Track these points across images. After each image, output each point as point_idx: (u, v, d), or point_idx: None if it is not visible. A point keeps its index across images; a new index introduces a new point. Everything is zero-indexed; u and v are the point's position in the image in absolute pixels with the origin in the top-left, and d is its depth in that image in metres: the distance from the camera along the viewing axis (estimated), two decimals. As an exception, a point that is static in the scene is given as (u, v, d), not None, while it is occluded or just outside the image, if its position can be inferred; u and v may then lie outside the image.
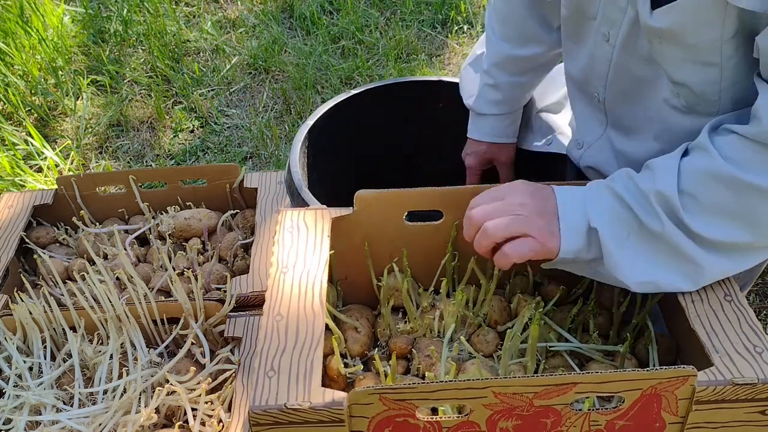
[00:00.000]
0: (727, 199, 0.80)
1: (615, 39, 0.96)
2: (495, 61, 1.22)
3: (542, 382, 0.70)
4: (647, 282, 0.83)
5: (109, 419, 0.89)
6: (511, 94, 1.25)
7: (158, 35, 3.02)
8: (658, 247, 0.83)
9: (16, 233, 1.21)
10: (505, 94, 1.24)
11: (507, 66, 1.22)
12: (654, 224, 0.82)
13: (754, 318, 0.80)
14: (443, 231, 1.00)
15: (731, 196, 0.80)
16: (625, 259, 0.83)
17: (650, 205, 0.82)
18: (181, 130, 2.59)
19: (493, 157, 1.31)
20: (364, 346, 0.97)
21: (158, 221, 1.26)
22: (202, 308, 1.01)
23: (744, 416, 0.75)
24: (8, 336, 1.01)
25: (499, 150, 1.30)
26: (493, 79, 1.23)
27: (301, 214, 0.96)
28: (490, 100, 1.25)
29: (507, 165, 1.32)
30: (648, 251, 0.83)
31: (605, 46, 0.99)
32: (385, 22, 3.09)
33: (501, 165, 1.32)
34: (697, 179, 0.81)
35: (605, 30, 0.97)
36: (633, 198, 0.83)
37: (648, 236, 0.83)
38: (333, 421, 0.71)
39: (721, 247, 0.82)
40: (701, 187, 0.81)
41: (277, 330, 0.79)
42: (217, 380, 0.95)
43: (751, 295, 1.93)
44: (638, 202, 0.83)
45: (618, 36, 0.95)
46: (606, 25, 0.97)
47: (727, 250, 0.82)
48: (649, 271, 0.83)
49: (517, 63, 1.22)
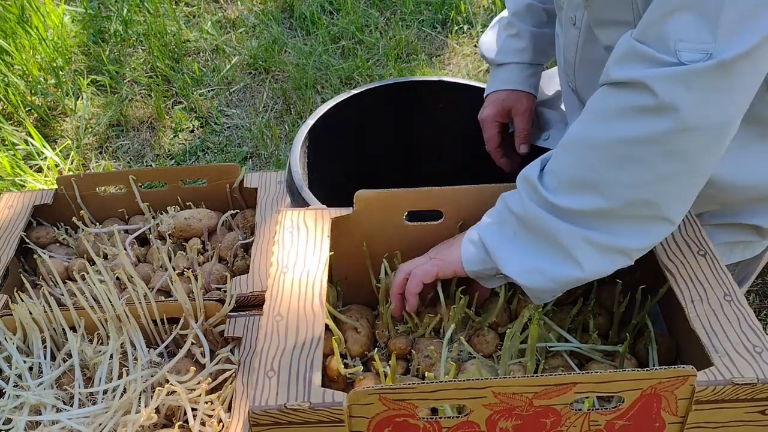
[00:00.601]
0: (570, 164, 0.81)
1: (581, 22, 0.98)
2: (516, 9, 1.23)
3: (542, 382, 0.70)
4: (530, 269, 0.84)
5: (109, 419, 0.89)
6: (533, 44, 1.24)
7: (158, 35, 3.02)
8: (536, 236, 0.84)
9: (16, 233, 1.21)
10: (528, 43, 1.24)
11: (528, 15, 1.23)
12: (519, 209, 0.84)
13: (754, 318, 0.80)
14: (443, 231, 1.00)
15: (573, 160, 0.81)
16: (510, 254, 0.85)
17: (517, 193, 0.85)
18: (181, 130, 2.59)
19: (512, 106, 1.26)
20: (363, 346, 0.97)
21: (158, 221, 1.26)
22: (202, 308, 1.01)
23: (744, 416, 0.75)
24: (8, 336, 1.01)
25: (518, 98, 1.26)
26: (516, 28, 1.24)
27: (301, 214, 0.96)
28: (512, 49, 1.25)
29: (526, 115, 1.27)
30: (529, 242, 0.85)
31: (573, 31, 1.01)
32: (385, 22, 3.09)
33: (519, 115, 1.27)
34: (556, 154, 0.83)
35: (571, 14, 1.00)
36: (510, 196, 0.87)
37: (526, 228, 0.85)
38: (333, 421, 0.71)
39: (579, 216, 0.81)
40: (557, 161, 0.83)
41: (277, 330, 0.79)
42: (217, 380, 0.95)
43: (751, 295, 1.93)
44: (512, 197, 0.86)
45: (583, 18, 0.98)
46: (572, 9, 0.99)
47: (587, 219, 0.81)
48: (529, 259, 0.84)
49: (539, 13, 1.22)
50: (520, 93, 1.26)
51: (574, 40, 1.02)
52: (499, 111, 1.27)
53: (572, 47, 1.03)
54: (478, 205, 0.98)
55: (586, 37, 1.00)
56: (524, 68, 1.25)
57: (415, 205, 0.98)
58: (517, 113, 1.27)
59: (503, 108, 1.27)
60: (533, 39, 1.24)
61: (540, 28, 1.24)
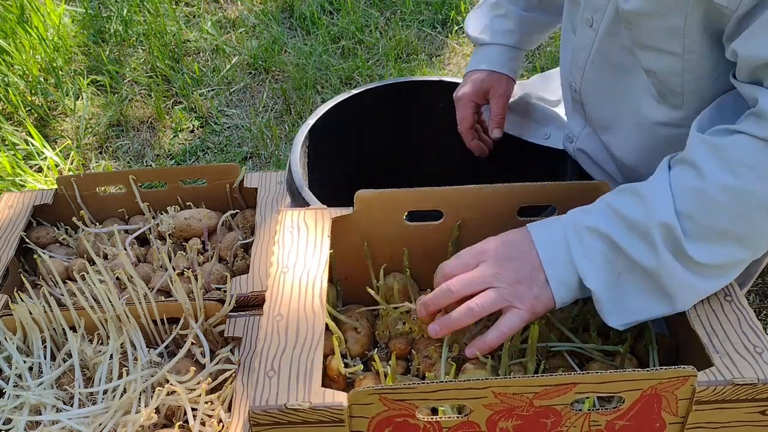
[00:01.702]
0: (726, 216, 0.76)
1: (598, 24, 0.97)
2: None
3: (542, 383, 0.70)
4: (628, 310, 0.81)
5: (109, 419, 0.89)
6: (521, 27, 1.22)
7: (158, 35, 3.01)
8: (646, 281, 0.79)
9: (16, 233, 1.21)
10: (516, 25, 1.22)
11: None
12: (647, 260, 0.78)
13: (754, 318, 0.80)
14: (443, 231, 1.00)
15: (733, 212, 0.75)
16: (613, 301, 0.81)
17: (647, 239, 0.77)
18: (181, 130, 2.59)
19: (490, 87, 1.23)
20: (364, 346, 0.97)
21: (158, 221, 1.26)
22: (202, 308, 1.00)
23: (744, 416, 0.75)
24: (8, 336, 1.01)
25: (498, 81, 1.23)
26: (504, 8, 1.22)
27: (301, 214, 0.96)
28: (499, 30, 1.23)
29: (503, 98, 1.24)
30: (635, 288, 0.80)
31: (588, 32, 0.99)
32: (385, 22, 3.09)
33: (496, 98, 1.24)
34: (693, 198, 0.76)
35: (589, 15, 0.98)
36: (624, 238, 0.79)
37: (638, 272, 0.79)
38: (333, 421, 0.71)
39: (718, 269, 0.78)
40: (699, 208, 0.76)
41: (277, 330, 0.79)
42: (217, 380, 0.95)
43: (751, 295, 1.93)
44: (631, 241, 0.78)
45: (602, 21, 0.96)
46: (590, 10, 0.97)
47: (721, 271, 0.79)
48: (634, 310, 0.81)
49: None
50: (500, 75, 1.24)
51: (588, 43, 0.99)
52: (476, 91, 1.24)
53: (585, 50, 1.01)
54: (478, 205, 0.98)
55: (603, 42, 0.97)
56: (508, 50, 1.24)
57: (415, 205, 0.98)
58: (494, 95, 1.24)
59: (481, 89, 1.24)
60: (521, 22, 1.22)
61: (529, 12, 1.22)
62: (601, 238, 0.80)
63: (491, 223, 0.99)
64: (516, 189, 0.97)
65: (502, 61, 1.24)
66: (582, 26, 1.00)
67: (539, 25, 1.25)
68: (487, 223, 1.00)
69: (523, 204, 0.98)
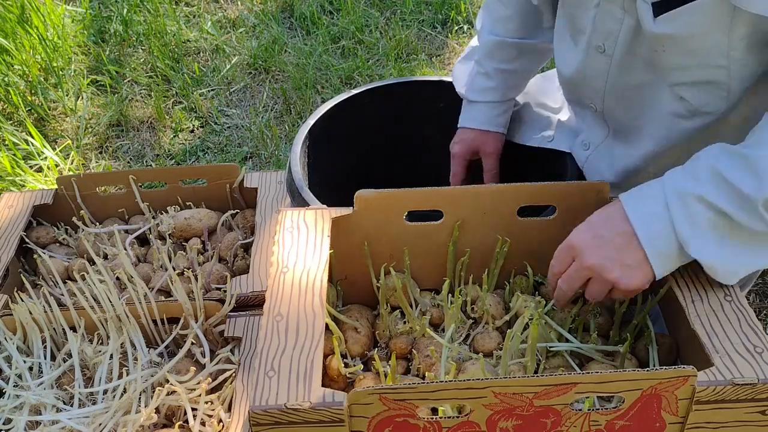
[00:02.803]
0: None
1: (612, 49, 0.96)
2: (486, 50, 1.23)
3: (542, 382, 0.70)
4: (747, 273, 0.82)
5: (109, 419, 0.89)
6: (503, 82, 1.24)
7: (158, 35, 3.01)
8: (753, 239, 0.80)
9: (16, 233, 1.21)
10: (497, 82, 1.24)
11: (497, 53, 1.22)
12: (758, 226, 0.78)
13: (754, 318, 0.80)
14: (443, 231, 1.00)
15: None
16: (726, 261, 0.81)
17: (757, 212, 0.77)
18: (181, 130, 2.59)
19: (479, 147, 1.29)
20: (364, 346, 0.97)
21: (158, 221, 1.26)
22: (202, 308, 1.00)
23: (744, 416, 0.75)
24: (8, 336, 1.01)
25: (486, 139, 1.28)
26: (485, 68, 1.23)
27: (301, 214, 0.96)
28: (481, 88, 1.25)
29: (493, 156, 1.29)
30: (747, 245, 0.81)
31: (601, 58, 0.98)
32: (385, 22, 3.09)
33: (487, 155, 1.29)
34: None
35: (599, 42, 0.97)
36: (737, 208, 0.78)
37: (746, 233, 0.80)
38: (333, 421, 0.71)
39: None
40: None
41: (277, 330, 0.79)
42: (217, 380, 0.95)
43: (751, 295, 1.93)
44: (743, 212, 0.78)
45: (616, 46, 0.95)
46: (600, 37, 0.96)
47: None
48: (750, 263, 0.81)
49: (507, 50, 1.21)
50: (488, 134, 1.28)
51: (604, 69, 0.99)
52: (466, 150, 1.29)
53: (601, 76, 1.01)
54: (478, 205, 0.98)
55: (621, 66, 0.97)
56: (494, 107, 1.26)
57: (415, 205, 0.98)
58: (484, 153, 1.29)
59: (471, 148, 1.29)
60: (502, 77, 1.24)
61: (509, 64, 1.23)
62: (710, 208, 0.79)
63: (491, 223, 1.00)
64: (516, 189, 0.97)
65: (488, 119, 1.27)
66: (592, 54, 0.99)
67: (522, 74, 1.27)
68: (487, 223, 1.00)
69: (523, 204, 0.98)
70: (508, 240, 1.00)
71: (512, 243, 1.00)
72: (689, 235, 0.80)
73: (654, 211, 0.81)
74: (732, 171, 0.78)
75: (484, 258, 1.02)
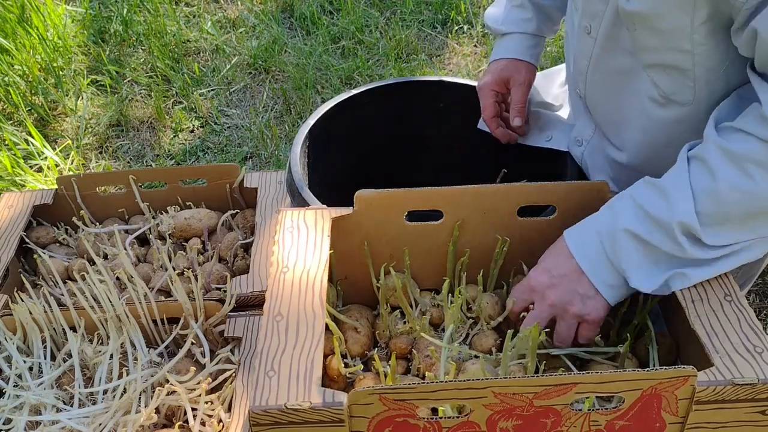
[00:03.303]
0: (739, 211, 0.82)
1: (597, 31, 0.98)
2: None
3: (542, 383, 0.70)
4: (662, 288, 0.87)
5: (109, 419, 0.89)
6: (537, 15, 1.24)
7: (158, 35, 3.01)
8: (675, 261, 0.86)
9: (16, 233, 1.21)
10: (533, 14, 1.24)
11: None
12: (677, 251, 0.84)
13: (754, 318, 0.80)
14: (443, 231, 1.00)
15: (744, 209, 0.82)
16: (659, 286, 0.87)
17: (673, 236, 0.83)
18: (181, 130, 2.59)
19: (511, 75, 1.24)
20: (364, 346, 0.97)
21: (158, 221, 1.26)
22: (202, 308, 1.00)
23: (744, 416, 0.75)
24: (8, 336, 1.01)
25: (519, 67, 1.24)
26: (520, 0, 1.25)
27: (301, 214, 0.96)
28: (516, 19, 1.25)
29: (523, 86, 1.25)
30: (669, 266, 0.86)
31: (587, 39, 1.00)
32: (385, 22, 3.09)
33: (517, 86, 1.24)
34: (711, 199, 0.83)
35: (586, 23, 0.99)
36: (656, 237, 0.85)
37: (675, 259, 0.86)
38: (333, 421, 0.71)
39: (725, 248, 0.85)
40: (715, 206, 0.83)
41: (277, 330, 0.79)
42: (217, 380, 0.95)
43: (751, 295, 1.93)
44: (661, 239, 0.84)
45: (600, 28, 0.97)
46: (587, 17, 0.98)
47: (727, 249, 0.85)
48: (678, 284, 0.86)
49: None
50: (520, 63, 1.24)
51: (588, 50, 1.01)
52: (496, 80, 1.24)
53: (585, 57, 1.02)
54: (478, 205, 0.98)
55: (603, 49, 0.99)
56: (527, 38, 1.25)
57: (415, 205, 0.98)
58: (515, 83, 1.24)
59: (501, 77, 1.24)
60: (537, 10, 1.24)
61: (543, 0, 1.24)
62: (635, 239, 0.86)
63: (491, 223, 1.00)
64: (516, 189, 0.97)
65: (521, 49, 1.25)
66: (580, 34, 1.01)
67: (555, 12, 1.27)
68: (487, 223, 1.00)
69: (523, 204, 0.98)
70: (508, 240, 1.00)
71: (512, 243, 1.00)
72: (626, 269, 0.87)
73: (594, 249, 0.88)
74: (649, 200, 0.86)
75: (484, 258, 1.02)
